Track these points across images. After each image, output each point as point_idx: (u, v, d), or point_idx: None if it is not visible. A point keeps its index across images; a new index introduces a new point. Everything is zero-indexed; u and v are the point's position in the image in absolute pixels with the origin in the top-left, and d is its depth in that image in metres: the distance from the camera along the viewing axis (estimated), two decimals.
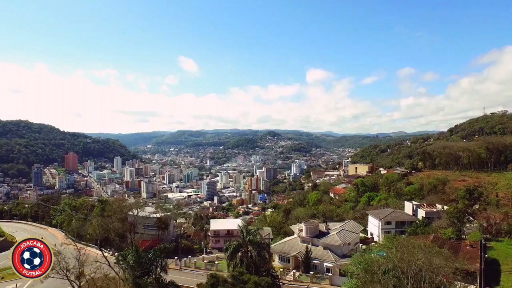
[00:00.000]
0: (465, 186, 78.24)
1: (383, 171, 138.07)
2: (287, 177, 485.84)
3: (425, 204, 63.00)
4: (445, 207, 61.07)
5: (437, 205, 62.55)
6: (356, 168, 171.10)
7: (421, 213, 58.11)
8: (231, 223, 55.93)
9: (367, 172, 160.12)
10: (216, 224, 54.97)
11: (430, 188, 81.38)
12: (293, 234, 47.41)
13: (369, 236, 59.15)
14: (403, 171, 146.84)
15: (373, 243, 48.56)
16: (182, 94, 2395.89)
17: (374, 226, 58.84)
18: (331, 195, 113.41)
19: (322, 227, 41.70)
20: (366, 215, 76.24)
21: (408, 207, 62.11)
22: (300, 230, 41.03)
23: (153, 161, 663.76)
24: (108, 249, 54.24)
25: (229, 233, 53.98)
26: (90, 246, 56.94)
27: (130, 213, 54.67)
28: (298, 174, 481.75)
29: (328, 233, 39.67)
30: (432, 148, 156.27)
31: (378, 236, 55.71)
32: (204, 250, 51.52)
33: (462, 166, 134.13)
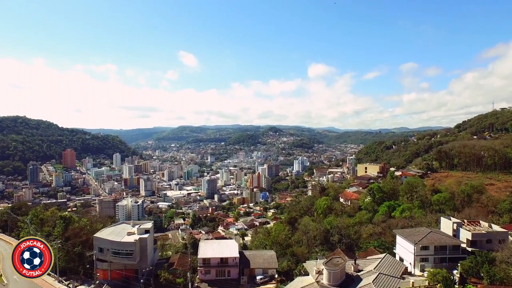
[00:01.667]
0: (510, 196, 65.89)
1: (397, 172, 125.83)
2: (289, 174, 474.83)
3: (465, 221, 50.95)
4: (495, 227, 48.90)
5: (481, 222, 50.53)
6: (366, 168, 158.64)
7: (465, 235, 46.14)
8: (226, 248, 44.36)
9: (378, 172, 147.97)
10: (207, 249, 43.46)
11: (463, 198, 69.05)
12: (304, 271, 35.74)
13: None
14: (418, 172, 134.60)
15: (411, 280, 36.84)
16: (182, 90, 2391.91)
17: (405, 250, 46.84)
18: (342, 200, 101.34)
19: (350, 267, 30.02)
20: (389, 229, 64.21)
21: (447, 225, 50.01)
22: (319, 273, 29.35)
23: (154, 157, 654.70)
24: (68, 282, 42.75)
25: (223, 261, 42.49)
26: (49, 274, 45.35)
27: (98, 235, 43.08)
28: (300, 171, 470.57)
29: (360, 278, 27.93)
30: (449, 147, 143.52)
31: (413, 266, 43.90)
32: (190, 286, 40.03)
33: (485, 167, 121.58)
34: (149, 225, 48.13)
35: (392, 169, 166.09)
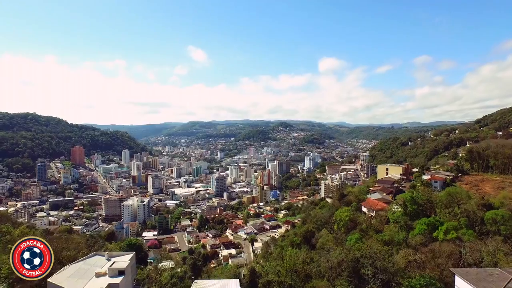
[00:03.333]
0: None
1: (424, 176, 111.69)
2: (300, 171, 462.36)
3: None
4: None
5: None
6: (387, 169, 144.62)
7: None
8: None
9: (400, 174, 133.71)
10: None
11: None
12: None
13: None
14: (447, 175, 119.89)
15: None
16: (192, 85, 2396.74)
17: None
18: (365, 209, 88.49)
19: None
20: (432, 256, 51.40)
21: None
22: None
23: (163, 153, 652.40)
24: None
25: None
26: None
27: (54, 279, 32.05)
28: (312, 168, 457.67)
29: None
30: (483, 146, 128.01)
31: None
32: None
33: None
34: (125, 261, 36.79)
35: (415, 169, 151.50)
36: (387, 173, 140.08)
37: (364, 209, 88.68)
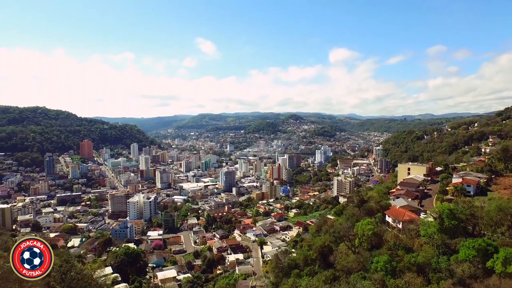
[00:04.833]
0: None
1: (455, 179, 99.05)
2: (311, 165, 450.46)
3: None
4: None
5: None
6: (408, 169, 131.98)
7: None
8: None
9: (424, 175, 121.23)
10: None
11: None
12: None
13: None
14: (479, 177, 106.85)
15: None
16: (201, 77, 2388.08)
17: None
18: (389, 219, 77.33)
19: None
20: None
21: None
22: None
23: (173, 146, 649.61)
24: None
25: None
26: None
27: None
28: (323, 162, 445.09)
29: None
30: None
31: None
32: None
33: None
34: None
35: (438, 168, 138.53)
36: (408, 173, 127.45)
37: (388, 218, 77.73)
